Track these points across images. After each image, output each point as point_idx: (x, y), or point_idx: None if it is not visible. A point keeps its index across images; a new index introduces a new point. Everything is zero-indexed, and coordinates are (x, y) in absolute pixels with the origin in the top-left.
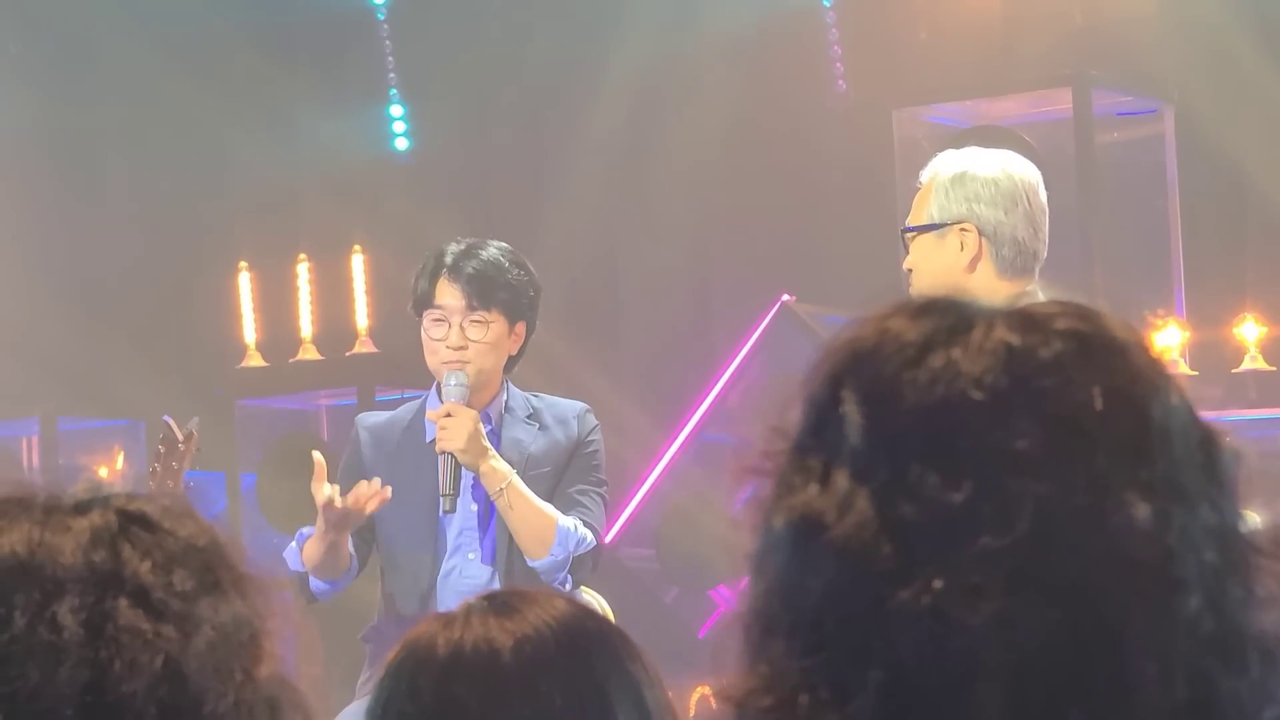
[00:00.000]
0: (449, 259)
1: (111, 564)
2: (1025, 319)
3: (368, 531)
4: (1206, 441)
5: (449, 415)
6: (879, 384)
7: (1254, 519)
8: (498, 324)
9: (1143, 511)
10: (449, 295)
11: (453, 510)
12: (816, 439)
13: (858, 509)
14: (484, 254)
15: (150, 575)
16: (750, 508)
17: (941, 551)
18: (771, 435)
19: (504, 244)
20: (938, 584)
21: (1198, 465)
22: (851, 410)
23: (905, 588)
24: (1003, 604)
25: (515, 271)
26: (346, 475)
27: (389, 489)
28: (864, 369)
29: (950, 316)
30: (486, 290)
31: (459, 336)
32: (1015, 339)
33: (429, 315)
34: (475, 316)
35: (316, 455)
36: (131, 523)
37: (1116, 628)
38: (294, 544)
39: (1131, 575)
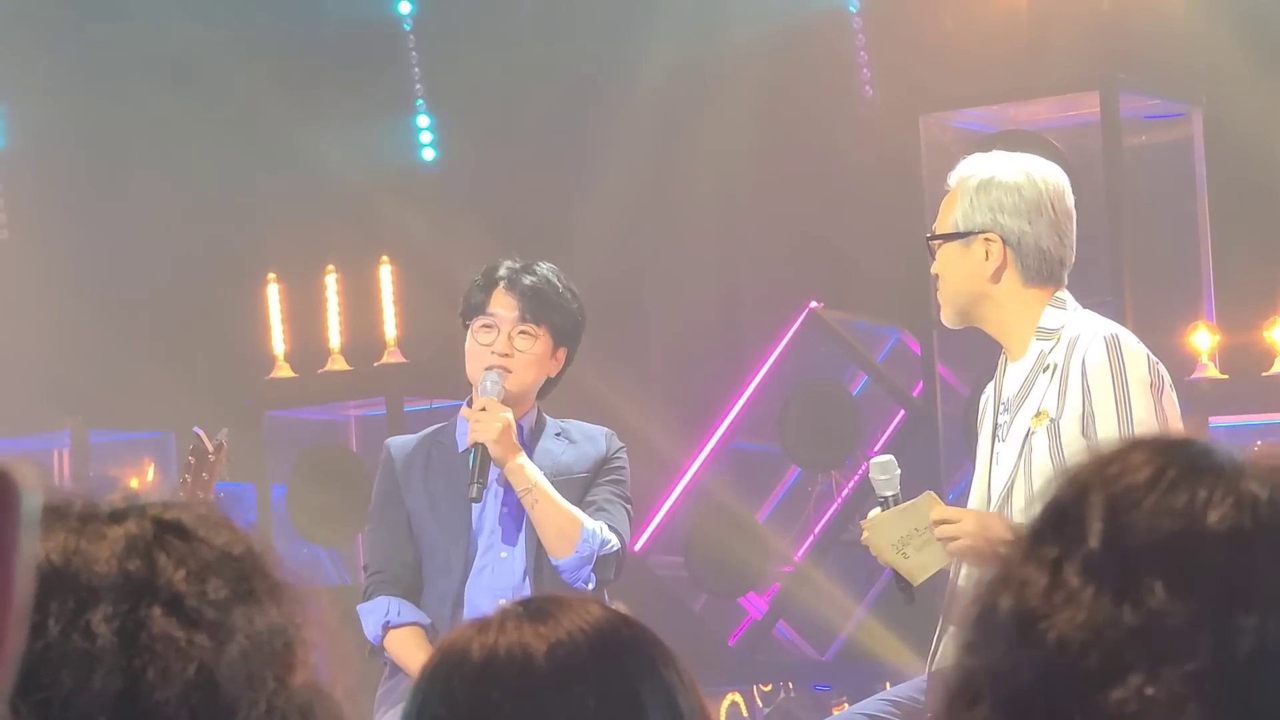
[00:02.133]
0: (505, 271)
1: (146, 572)
2: (1269, 475)
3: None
4: None
5: (483, 410)
6: (1125, 499)
7: None
8: (543, 340)
9: None
10: (502, 305)
11: (479, 499)
12: (1055, 534)
13: (1082, 605)
14: (540, 271)
15: (184, 584)
16: (978, 588)
17: (1155, 662)
18: (1010, 528)
19: (555, 267)
20: (1149, 691)
21: None
22: (1094, 514)
23: (1114, 689)
24: None
25: (568, 296)
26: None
27: None
28: (1113, 484)
29: (1198, 460)
30: (539, 306)
31: (506, 344)
32: (1262, 492)
33: (478, 322)
34: (524, 328)
35: None
36: (167, 531)
37: None
38: (379, 618)
39: None
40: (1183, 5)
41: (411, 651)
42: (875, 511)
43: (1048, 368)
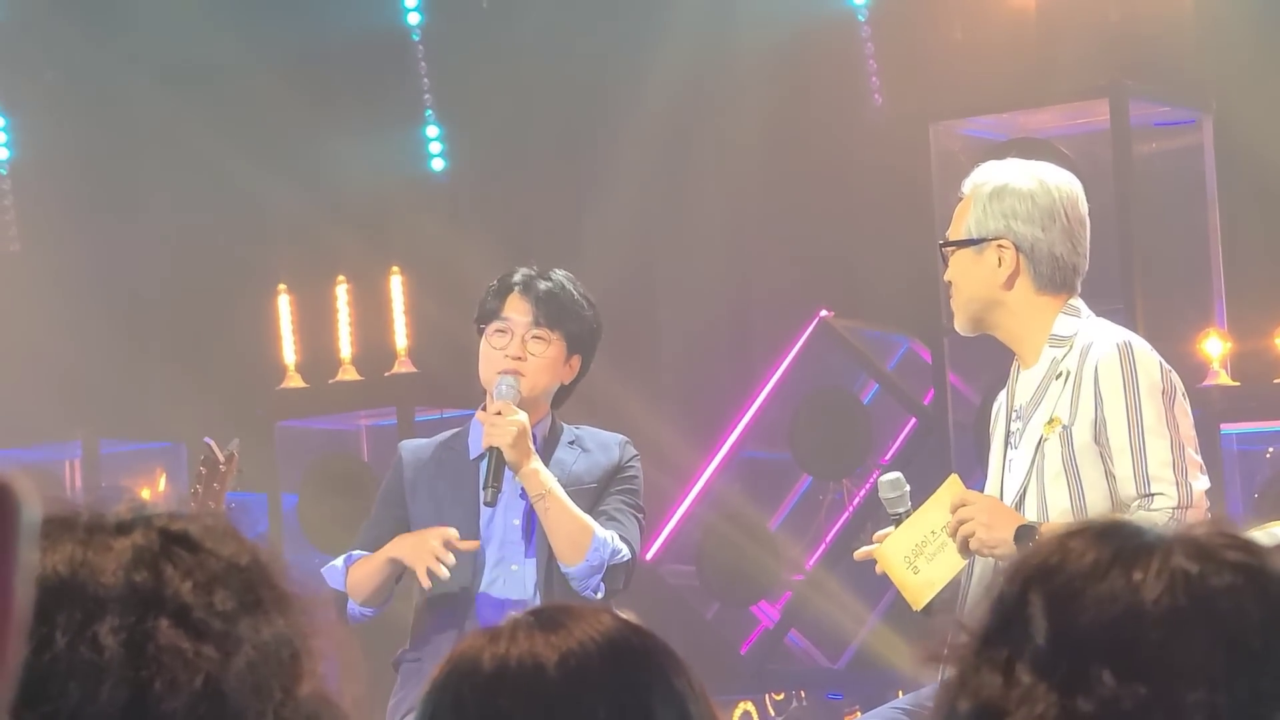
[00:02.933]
0: (520, 277)
1: (153, 584)
2: (1199, 549)
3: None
4: None
5: (498, 413)
6: (1066, 592)
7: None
8: (557, 346)
9: None
10: (517, 310)
11: (493, 503)
12: (1002, 635)
13: (1038, 700)
14: (556, 277)
15: (191, 595)
16: (937, 693)
17: None
18: (957, 629)
19: (572, 275)
20: None
21: None
22: (1038, 612)
23: None
24: None
25: (584, 304)
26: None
27: (477, 543)
28: (1052, 579)
29: (1131, 541)
30: (554, 312)
31: (519, 347)
32: (1192, 567)
33: (492, 326)
34: (538, 333)
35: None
36: (174, 542)
37: None
38: (339, 563)
39: None
40: (1192, 13)
41: (372, 558)
42: (888, 530)
43: (1060, 375)
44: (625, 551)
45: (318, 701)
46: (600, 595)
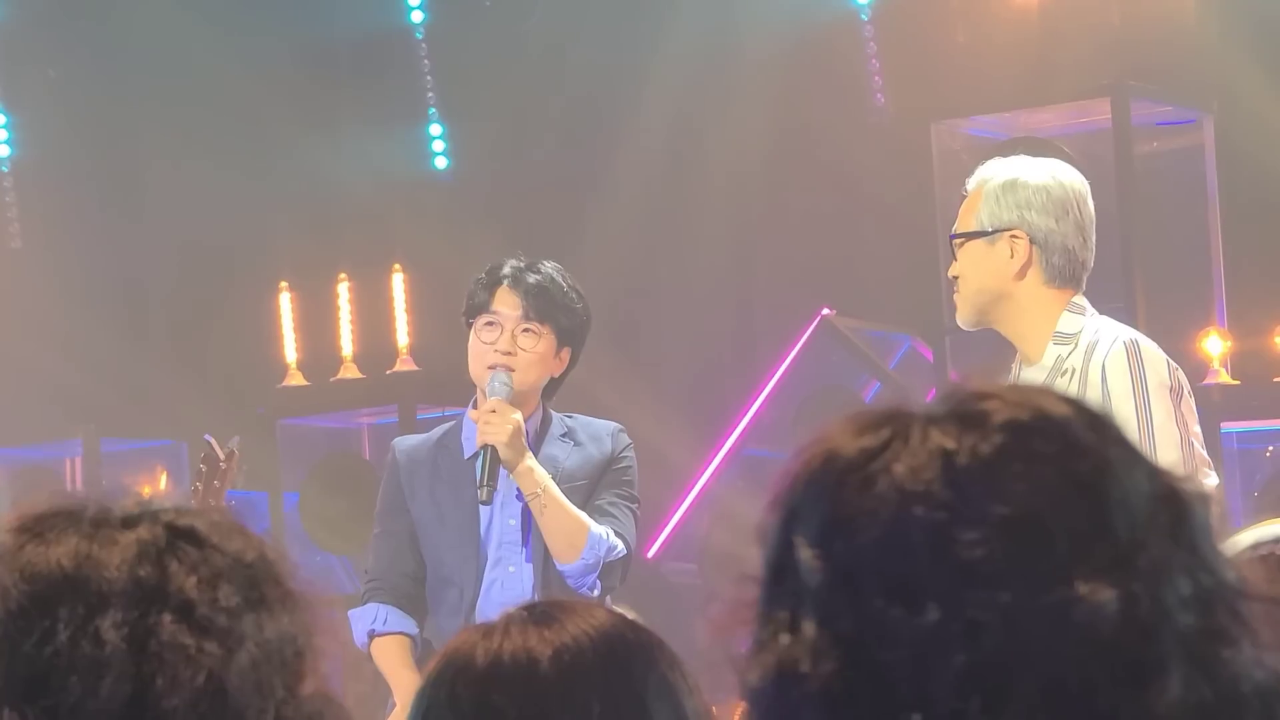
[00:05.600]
0: (509, 270)
1: (157, 579)
2: (961, 418)
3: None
4: (1170, 504)
5: (493, 411)
6: (828, 520)
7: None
8: (547, 339)
9: (1107, 597)
10: (506, 304)
11: (488, 502)
12: (779, 589)
13: (830, 654)
14: (545, 270)
15: (195, 591)
16: (739, 661)
17: (918, 681)
18: (739, 587)
19: (560, 267)
20: (917, 718)
21: (1164, 533)
22: (805, 555)
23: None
24: None
25: (573, 296)
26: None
27: None
28: (811, 509)
29: (888, 427)
30: (544, 305)
31: (509, 342)
32: (951, 443)
33: (481, 320)
34: (528, 326)
35: None
36: (179, 537)
37: (1109, 717)
38: (365, 624)
39: (1111, 664)
40: (1194, 13)
41: (391, 663)
42: None
43: (1065, 372)
44: (621, 547)
45: (320, 700)
46: (596, 593)
